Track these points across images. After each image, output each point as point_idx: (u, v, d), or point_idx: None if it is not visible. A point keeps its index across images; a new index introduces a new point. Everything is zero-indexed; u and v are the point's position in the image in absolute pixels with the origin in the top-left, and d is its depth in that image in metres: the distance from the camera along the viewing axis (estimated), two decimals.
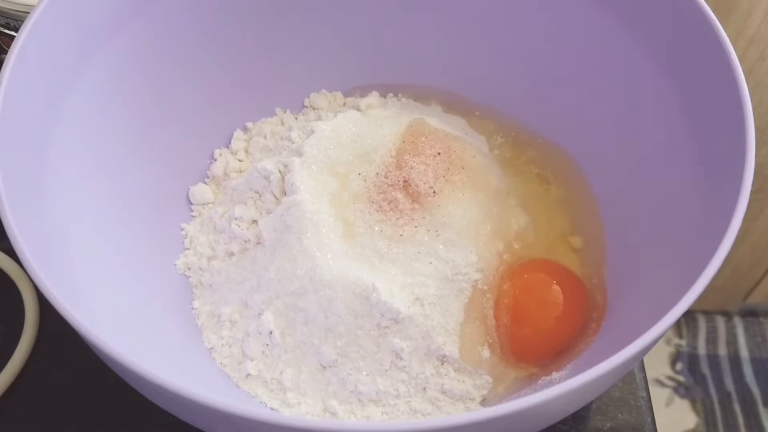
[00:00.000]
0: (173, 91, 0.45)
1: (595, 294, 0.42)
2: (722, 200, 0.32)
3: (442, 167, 0.43)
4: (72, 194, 0.38)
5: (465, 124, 0.50)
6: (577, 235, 0.45)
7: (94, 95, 0.40)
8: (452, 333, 0.40)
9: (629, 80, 0.42)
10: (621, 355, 0.27)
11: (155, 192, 0.44)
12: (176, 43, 0.44)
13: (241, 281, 0.42)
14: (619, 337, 0.35)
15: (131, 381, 0.30)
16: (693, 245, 0.34)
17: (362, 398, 0.39)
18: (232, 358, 0.41)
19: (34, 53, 0.36)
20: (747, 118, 0.33)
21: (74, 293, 0.33)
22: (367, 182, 0.43)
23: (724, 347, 1.13)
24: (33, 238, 0.31)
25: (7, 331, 0.45)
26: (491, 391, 0.40)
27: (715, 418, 1.06)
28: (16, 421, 0.42)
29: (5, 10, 0.45)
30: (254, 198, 0.45)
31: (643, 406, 0.43)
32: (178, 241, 0.45)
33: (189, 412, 0.30)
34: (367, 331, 0.39)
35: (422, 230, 0.41)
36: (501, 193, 0.45)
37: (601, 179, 0.45)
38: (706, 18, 0.36)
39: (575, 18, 0.44)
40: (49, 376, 0.44)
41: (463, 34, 0.48)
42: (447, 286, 0.40)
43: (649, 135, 0.41)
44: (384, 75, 0.51)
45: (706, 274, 0.29)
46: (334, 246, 0.40)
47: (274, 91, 0.50)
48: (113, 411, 0.42)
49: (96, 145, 0.40)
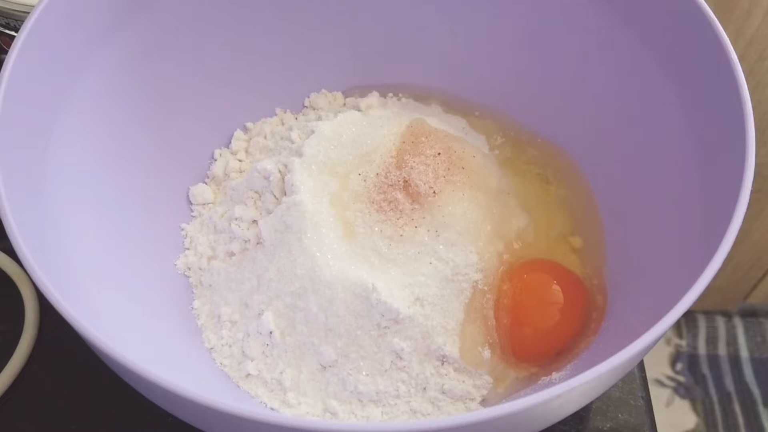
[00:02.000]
0: (173, 91, 0.45)
1: (595, 294, 0.42)
2: (722, 200, 0.32)
3: (442, 167, 0.43)
4: (72, 194, 0.38)
5: (465, 124, 0.50)
6: (577, 235, 0.45)
7: (94, 95, 0.40)
8: (452, 333, 0.40)
9: (629, 80, 0.42)
10: (621, 355, 0.27)
11: (155, 192, 0.44)
12: (176, 43, 0.44)
13: (241, 281, 0.42)
14: (619, 337, 0.35)
15: (131, 381, 0.30)
16: (693, 245, 0.34)
17: (362, 398, 0.39)
18: (232, 358, 0.41)
19: (34, 53, 0.36)
20: (747, 118, 0.33)
21: (74, 293, 0.33)
22: (367, 182, 0.43)
23: (724, 347, 1.13)
24: (33, 239, 0.31)
25: (7, 331, 0.45)
26: (491, 391, 0.40)
27: (715, 418, 1.06)
28: (17, 422, 0.42)
29: (5, 10, 0.45)
30: (254, 198, 0.45)
31: (643, 406, 0.43)
32: (178, 241, 0.45)
33: (189, 412, 0.30)
34: (367, 331, 0.39)
35: (422, 230, 0.41)
36: (501, 193, 0.45)
37: (601, 179, 0.45)
38: (706, 18, 0.36)
39: (575, 18, 0.44)
40: (49, 376, 0.44)
41: (463, 34, 0.48)
42: (447, 286, 0.40)
43: (649, 135, 0.41)
44: (384, 75, 0.51)
45: (707, 274, 0.29)
46: (334, 246, 0.40)
47: (274, 91, 0.50)
48: (113, 411, 0.42)
49: (96, 145, 0.40)
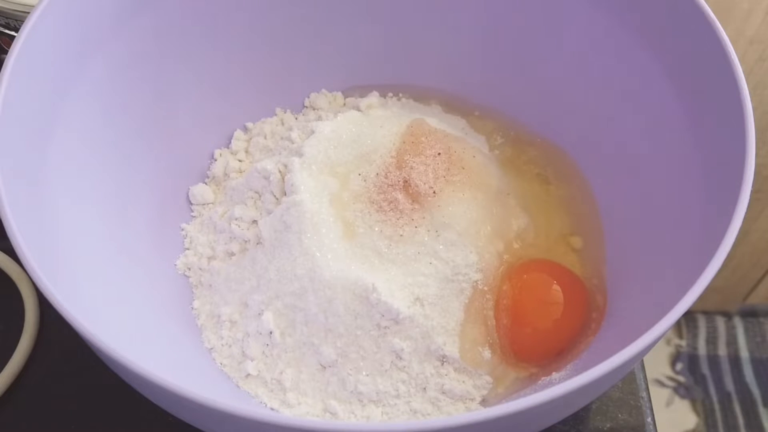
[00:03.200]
0: (173, 92, 0.45)
1: (595, 294, 0.42)
2: (722, 200, 0.32)
3: (442, 167, 0.43)
4: (72, 194, 0.38)
5: (465, 124, 0.50)
6: (577, 236, 0.45)
7: (94, 95, 0.40)
8: (452, 333, 0.40)
9: (629, 80, 0.42)
10: (621, 356, 0.27)
11: (155, 192, 0.44)
12: (176, 44, 0.44)
13: (241, 281, 0.42)
14: (619, 337, 0.35)
15: (131, 381, 0.30)
16: (693, 245, 0.34)
17: (362, 398, 0.39)
18: (232, 358, 0.41)
19: (34, 53, 0.36)
20: (747, 119, 0.33)
21: (74, 293, 0.33)
22: (367, 182, 0.43)
23: (724, 347, 1.13)
24: (33, 238, 0.31)
25: (7, 331, 0.45)
26: (491, 391, 0.40)
27: (715, 418, 1.06)
28: (17, 422, 0.42)
29: (5, 10, 0.45)
30: (254, 198, 0.45)
31: (643, 406, 0.43)
32: (178, 241, 0.45)
33: (189, 412, 0.30)
34: (367, 331, 0.39)
35: (422, 230, 0.41)
36: (501, 193, 0.45)
37: (601, 179, 0.45)
38: (706, 18, 0.36)
39: (575, 18, 0.44)
40: (49, 376, 0.44)
41: (464, 34, 0.48)
42: (447, 286, 0.40)
43: (649, 135, 0.41)
44: (384, 75, 0.51)
45: (707, 275, 0.29)
46: (334, 246, 0.40)
47: (274, 91, 0.50)
48: (113, 411, 0.42)
49: (96, 145, 0.40)
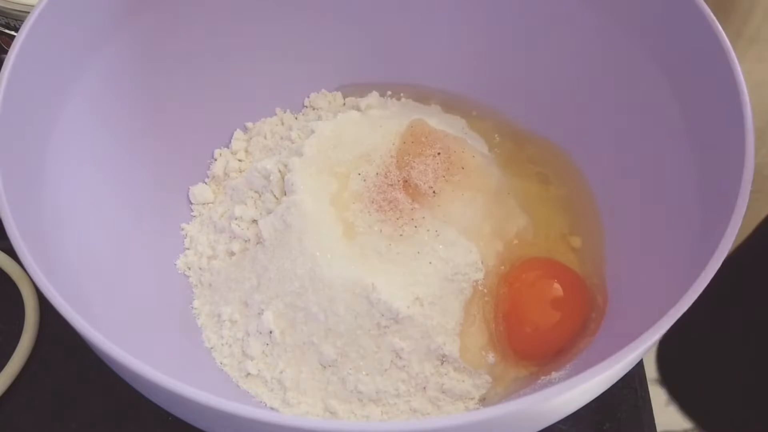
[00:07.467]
0: (173, 91, 0.45)
1: (595, 294, 0.42)
2: (721, 200, 0.32)
3: (442, 167, 0.43)
4: (72, 194, 0.38)
5: (465, 124, 0.50)
6: (577, 235, 0.45)
7: (93, 95, 0.40)
8: (452, 333, 0.40)
9: (628, 80, 0.42)
10: (621, 355, 0.27)
11: (155, 192, 0.44)
12: (176, 43, 0.44)
13: (241, 281, 0.42)
14: (619, 337, 0.35)
15: (131, 381, 0.30)
16: (692, 245, 0.34)
17: (362, 398, 0.39)
18: (233, 358, 0.41)
19: (34, 53, 0.36)
20: (746, 119, 0.33)
21: (74, 293, 0.33)
22: (367, 182, 0.43)
23: None
24: (33, 238, 0.31)
25: (7, 331, 0.45)
26: (491, 390, 0.40)
27: None
28: (16, 421, 0.42)
29: (5, 10, 0.45)
30: (254, 198, 0.45)
31: (643, 406, 0.43)
32: (178, 241, 0.45)
33: (189, 412, 0.30)
34: (366, 330, 0.39)
35: (422, 230, 0.41)
36: (501, 193, 0.45)
37: (601, 179, 0.46)
38: (706, 18, 0.36)
39: (574, 19, 0.44)
40: (49, 376, 0.44)
41: (463, 34, 0.48)
42: (447, 285, 0.40)
43: (649, 135, 0.41)
44: (384, 75, 0.51)
45: (706, 275, 0.29)
46: (334, 246, 0.40)
47: (274, 91, 0.50)
48: (113, 411, 0.42)
49: (96, 145, 0.40)
